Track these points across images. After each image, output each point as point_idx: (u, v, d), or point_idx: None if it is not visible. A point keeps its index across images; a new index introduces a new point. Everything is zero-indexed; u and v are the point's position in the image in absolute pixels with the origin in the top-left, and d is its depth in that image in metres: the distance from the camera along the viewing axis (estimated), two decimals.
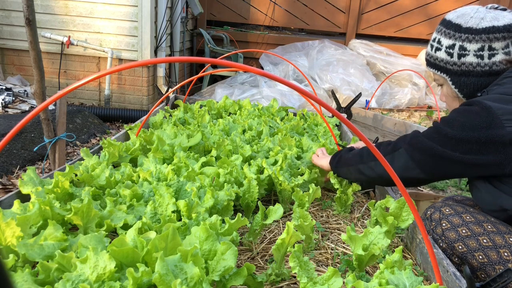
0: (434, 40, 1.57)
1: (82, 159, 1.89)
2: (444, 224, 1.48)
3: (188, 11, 5.80)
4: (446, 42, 1.51)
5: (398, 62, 5.85)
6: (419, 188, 3.50)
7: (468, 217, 1.46)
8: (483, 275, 1.38)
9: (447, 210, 1.51)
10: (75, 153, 3.63)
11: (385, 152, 1.55)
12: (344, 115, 3.20)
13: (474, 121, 1.33)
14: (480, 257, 1.38)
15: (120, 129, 4.48)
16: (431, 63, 1.59)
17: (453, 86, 1.55)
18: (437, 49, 1.54)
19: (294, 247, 1.05)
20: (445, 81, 1.57)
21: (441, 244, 1.46)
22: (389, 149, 1.55)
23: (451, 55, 1.50)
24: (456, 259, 1.44)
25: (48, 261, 1.05)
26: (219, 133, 2.28)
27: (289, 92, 5.09)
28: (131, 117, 4.64)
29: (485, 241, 1.39)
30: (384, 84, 5.47)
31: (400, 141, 1.55)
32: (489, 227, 1.41)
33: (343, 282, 1.03)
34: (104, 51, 4.77)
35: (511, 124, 1.29)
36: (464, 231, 1.43)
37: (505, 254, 1.34)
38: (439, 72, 1.56)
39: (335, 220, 1.68)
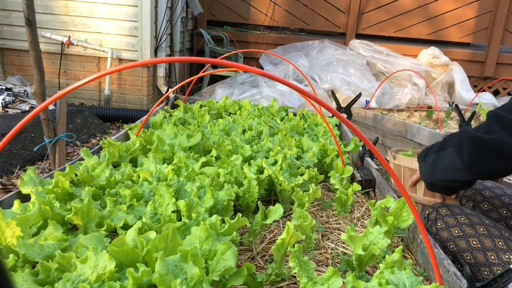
0: None
1: (82, 159, 1.89)
2: (439, 224, 1.51)
3: (188, 11, 5.79)
4: None
5: (398, 62, 5.85)
6: None
7: (462, 219, 1.47)
8: None
9: (444, 210, 1.53)
10: (75, 153, 3.63)
11: (431, 151, 1.44)
12: (344, 115, 3.20)
13: None
14: (468, 257, 1.39)
15: (120, 129, 4.47)
16: None
17: None
18: None
19: (294, 247, 1.05)
20: None
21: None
22: (436, 147, 1.44)
23: None
24: (450, 257, 1.46)
25: (48, 261, 1.05)
26: (219, 133, 2.28)
27: (289, 92, 5.09)
28: (131, 117, 4.64)
29: (474, 242, 1.39)
30: (384, 84, 5.47)
31: (449, 138, 1.42)
32: (481, 229, 1.41)
33: (343, 282, 1.03)
34: (104, 51, 4.77)
35: None
36: (456, 231, 1.45)
37: (492, 257, 1.34)
38: None
39: (335, 220, 1.68)
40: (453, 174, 1.37)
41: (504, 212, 1.64)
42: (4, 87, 4.23)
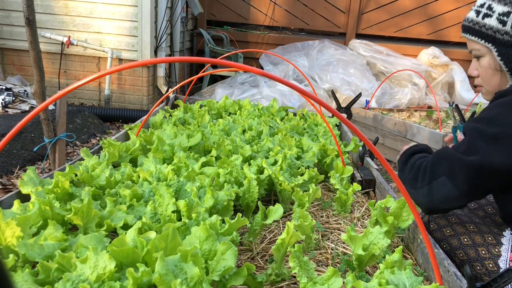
0: (482, 6, 1.41)
1: (82, 159, 1.89)
2: (431, 226, 1.57)
3: (188, 11, 5.79)
4: (499, 8, 1.35)
5: (398, 62, 5.84)
6: None
7: (453, 219, 1.55)
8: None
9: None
10: (75, 153, 3.63)
11: (422, 180, 1.39)
12: (344, 115, 3.20)
13: None
14: (461, 254, 1.45)
15: (120, 129, 4.47)
16: (475, 30, 1.42)
17: (498, 58, 1.39)
18: (486, 15, 1.38)
19: (294, 247, 1.05)
20: (489, 52, 1.41)
21: None
22: (426, 177, 1.38)
23: (504, 23, 1.34)
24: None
25: (48, 261, 1.05)
26: (219, 133, 2.28)
27: (289, 92, 5.09)
28: (131, 117, 4.64)
29: (465, 240, 1.46)
30: (384, 84, 5.46)
31: (437, 165, 1.37)
32: (471, 227, 1.49)
33: (343, 282, 1.03)
34: (104, 51, 4.77)
35: None
36: (448, 231, 1.52)
37: (483, 252, 1.41)
38: (483, 41, 1.40)
39: (335, 220, 1.68)
40: (452, 203, 1.35)
41: (489, 209, 1.71)
42: (4, 87, 4.23)
